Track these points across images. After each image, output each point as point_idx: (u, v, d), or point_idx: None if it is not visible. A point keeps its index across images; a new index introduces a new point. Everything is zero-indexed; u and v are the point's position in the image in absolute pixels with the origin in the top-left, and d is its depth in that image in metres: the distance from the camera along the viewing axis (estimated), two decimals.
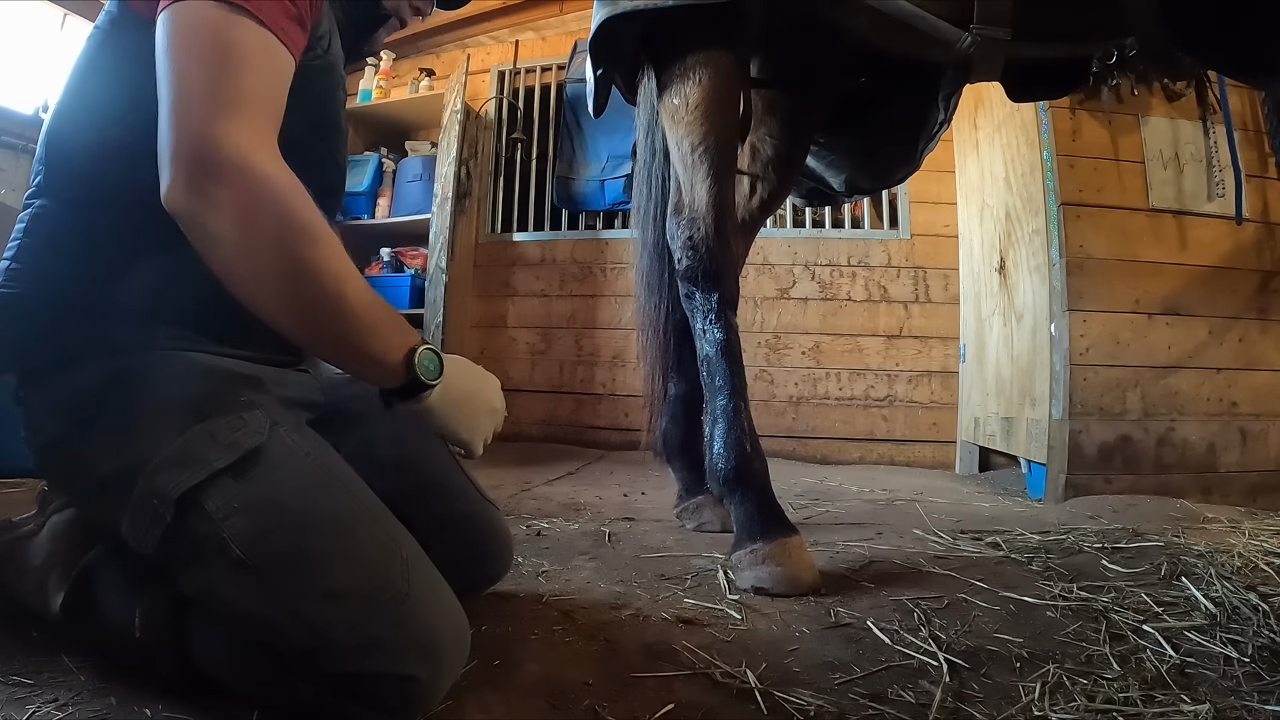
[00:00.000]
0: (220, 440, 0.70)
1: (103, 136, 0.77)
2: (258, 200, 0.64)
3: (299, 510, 0.70)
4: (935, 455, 3.26)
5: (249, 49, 0.67)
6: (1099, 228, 2.26)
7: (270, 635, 0.67)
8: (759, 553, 1.20)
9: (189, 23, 0.66)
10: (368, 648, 0.65)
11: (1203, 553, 1.36)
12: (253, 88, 0.67)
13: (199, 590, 0.70)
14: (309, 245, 0.66)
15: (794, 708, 0.75)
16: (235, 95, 0.65)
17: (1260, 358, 2.26)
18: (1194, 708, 0.75)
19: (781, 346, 3.44)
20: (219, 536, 0.67)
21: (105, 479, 0.72)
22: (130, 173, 0.72)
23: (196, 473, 0.68)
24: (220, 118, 0.64)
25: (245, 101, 0.66)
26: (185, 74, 0.65)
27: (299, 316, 0.68)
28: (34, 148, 0.76)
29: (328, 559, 0.68)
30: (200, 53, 0.65)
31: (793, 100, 1.64)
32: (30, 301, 0.76)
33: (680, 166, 1.45)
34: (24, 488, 1.68)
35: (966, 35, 1.16)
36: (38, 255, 0.77)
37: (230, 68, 0.66)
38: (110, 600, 0.78)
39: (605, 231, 3.76)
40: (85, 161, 0.77)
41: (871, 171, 1.87)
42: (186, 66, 0.65)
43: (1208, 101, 2.30)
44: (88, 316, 0.75)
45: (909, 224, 3.43)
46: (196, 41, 0.66)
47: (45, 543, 0.86)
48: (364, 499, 0.75)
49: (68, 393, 0.75)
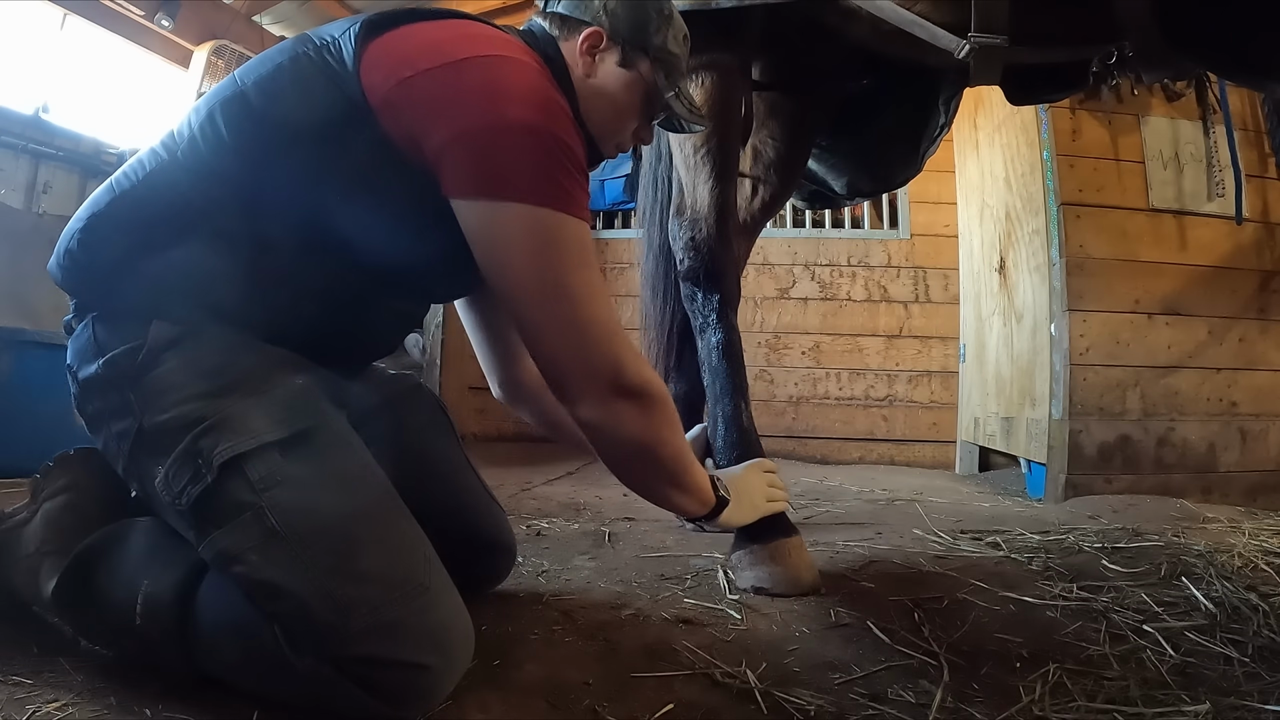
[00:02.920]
0: (275, 416, 0.73)
1: (269, 177, 0.77)
2: (648, 412, 0.84)
3: (337, 494, 0.73)
4: (935, 455, 3.27)
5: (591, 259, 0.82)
6: (1099, 228, 2.26)
7: (289, 607, 0.68)
8: (759, 553, 1.20)
9: (564, 238, 0.77)
10: (385, 632, 0.67)
11: (1203, 553, 1.36)
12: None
13: (223, 552, 0.70)
14: (660, 446, 0.88)
15: (794, 708, 0.75)
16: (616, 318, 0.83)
17: (1260, 358, 2.26)
18: (1194, 708, 0.75)
19: (781, 346, 3.44)
20: (257, 505, 0.69)
21: (147, 429, 0.74)
22: (280, 210, 0.77)
23: (247, 441, 0.71)
24: (620, 345, 0.81)
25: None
26: (580, 300, 0.78)
27: (645, 487, 0.94)
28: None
29: (358, 543, 0.71)
30: (587, 276, 0.79)
31: (794, 103, 1.65)
32: (130, 244, 0.77)
33: (683, 168, 1.45)
34: (24, 487, 1.67)
35: (964, 43, 1.16)
36: (153, 208, 0.78)
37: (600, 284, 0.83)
38: (111, 585, 0.78)
39: (605, 231, 3.76)
40: (239, 173, 0.77)
41: (873, 174, 1.87)
42: (579, 292, 0.78)
43: (1208, 101, 2.30)
44: (177, 284, 0.76)
45: (909, 224, 3.43)
46: (582, 264, 0.78)
47: (38, 529, 0.86)
48: (393, 495, 0.78)
49: (131, 340, 0.76)
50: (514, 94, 0.75)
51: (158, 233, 0.77)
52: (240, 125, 0.76)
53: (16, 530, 0.87)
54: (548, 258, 0.76)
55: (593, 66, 0.91)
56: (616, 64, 0.92)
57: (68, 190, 2.87)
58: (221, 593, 0.73)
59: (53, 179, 2.82)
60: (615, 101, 0.93)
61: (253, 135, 0.76)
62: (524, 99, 0.75)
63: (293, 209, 0.77)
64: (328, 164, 0.76)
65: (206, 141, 0.77)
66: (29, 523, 0.87)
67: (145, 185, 0.78)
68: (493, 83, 0.76)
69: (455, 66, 0.76)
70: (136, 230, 0.77)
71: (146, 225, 0.77)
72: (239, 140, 0.76)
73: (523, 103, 0.75)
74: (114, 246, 0.78)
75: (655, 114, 0.99)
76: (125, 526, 0.82)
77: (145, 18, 3.02)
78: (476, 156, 0.74)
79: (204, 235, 0.76)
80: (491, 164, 0.74)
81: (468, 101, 0.74)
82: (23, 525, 0.87)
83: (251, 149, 0.76)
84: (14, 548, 0.86)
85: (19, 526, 0.87)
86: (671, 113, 0.99)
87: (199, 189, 0.77)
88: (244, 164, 0.76)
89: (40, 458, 0.93)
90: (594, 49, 0.91)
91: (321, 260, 0.78)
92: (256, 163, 0.76)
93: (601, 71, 0.92)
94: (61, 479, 0.90)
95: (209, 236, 0.76)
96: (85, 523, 0.84)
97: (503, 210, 0.75)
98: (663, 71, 0.95)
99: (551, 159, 0.75)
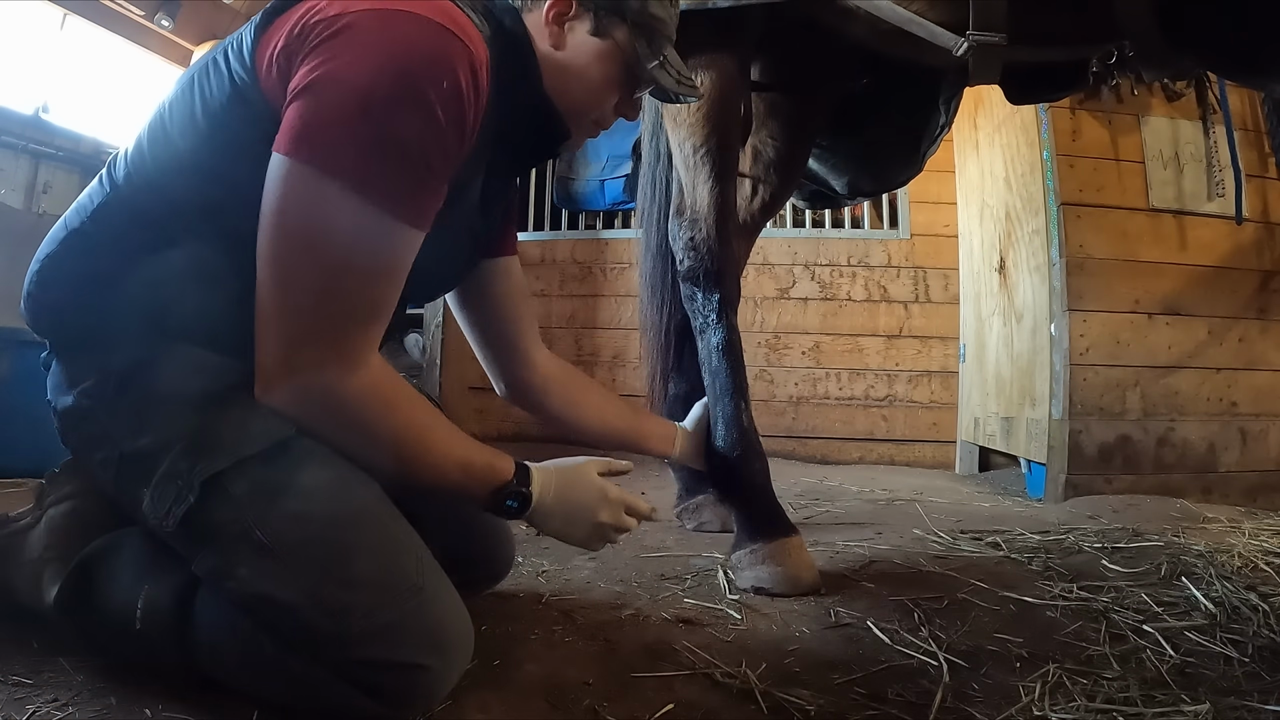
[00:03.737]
0: (251, 429, 0.71)
1: (191, 181, 0.75)
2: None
3: (322, 502, 0.71)
4: (935, 455, 3.26)
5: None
6: (1099, 228, 2.26)
7: (284, 618, 0.67)
8: (759, 553, 1.20)
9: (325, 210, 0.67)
10: (381, 634, 0.67)
11: (1203, 553, 1.36)
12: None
13: (213, 569, 0.70)
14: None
15: (794, 708, 0.75)
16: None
17: (1260, 358, 2.26)
18: (1194, 708, 0.75)
19: (781, 346, 3.44)
20: (242, 520, 0.68)
21: (127, 455, 0.73)
22: (207, 215, 0.74)
23: (225, 458, 0.69)
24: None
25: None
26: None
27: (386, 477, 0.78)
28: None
29: (348, 549, 0.70)
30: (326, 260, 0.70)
31: (794, 103, 1.65)
32: (80, 277, 0.76)
33: (682, 168, 1.45)
34: (24, 488, 1.68)
35: (962, 41, 1.17)
36: (98, 239, 0.77)
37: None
38: (112, 591, 0.78)
39: (605, 231, 3.76)
40: (168, 185, 0.75)
41: (874, 174, 1.87)
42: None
43: (1208, 101, 2.30)
44: (132, 310, 0.75)
45: (909, 224, 3.43)
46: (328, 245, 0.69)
47: (42, 535, 0.86)
48: (382, 498, 0.77)
49: (98, 370, 0.75)
50: (374, 56, 0.66)
51: (111, 263, 0.75)
52: (163, 155, 0.75)
53: (21, 535, 0.87)
54: (298, 222, 0.68)
55: (561, 37, 0.83)
56: (589, 33, 0.84)
57: (68, 190, 2.87)
58: (219, 597, 0.73)
59: (53, 179, 2.83)
60: (588, 76, 0.85)
61: (175, 162, 0.74)
62: (381, 66, 0.66)
63: (230, 222, 0.72)
64: (250, 173, 0.69)
65: (139, 172, 0.76)
66: (33, 528, 0.87)
67: (94, 220, 0.76)
68: (356, 40, 0.67)
69: (329, 21, 0.68)
70: (90, 264, 0.76)
71: (99, 258, 0.76)
72: (165, 169, 0.74)
73: (377, 70, 0.66)
74: (70, 284, 0.77)
75: (638, 86, 0.90)
76: (127, 533, 0.82)
77: (145, 18, 3.02)
78: (298, 108, 0.66)
79: (155, 259, 0.74)
80: (306, 122, 0.66)
81: (321, 55, 0.66)
82: (27, 530, 0.87)
83: (177, 176, 0.74)
84: (18, 552, 0.86)
85: (23, 531, 0.88)
86: (657, 84, 0.89)
87: (143, 216, 0.75)
88: (175, 189, 0.74)
89: (40, 458, 0.93)
90: (562, 16, 0.83)
91: (222, 239, 0.73)
92: (187, 186, 0.74)
93: (572, 42, 0.84)
94: (67, 485, 0.90)
95: (159, 260, 0.74)
96: (89, 530, 0.84)
97: (287, 166, 0.67)
98: (644, 38, 0.85)
99: (372, 141, 0.66)
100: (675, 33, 0.92)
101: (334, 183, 0.66)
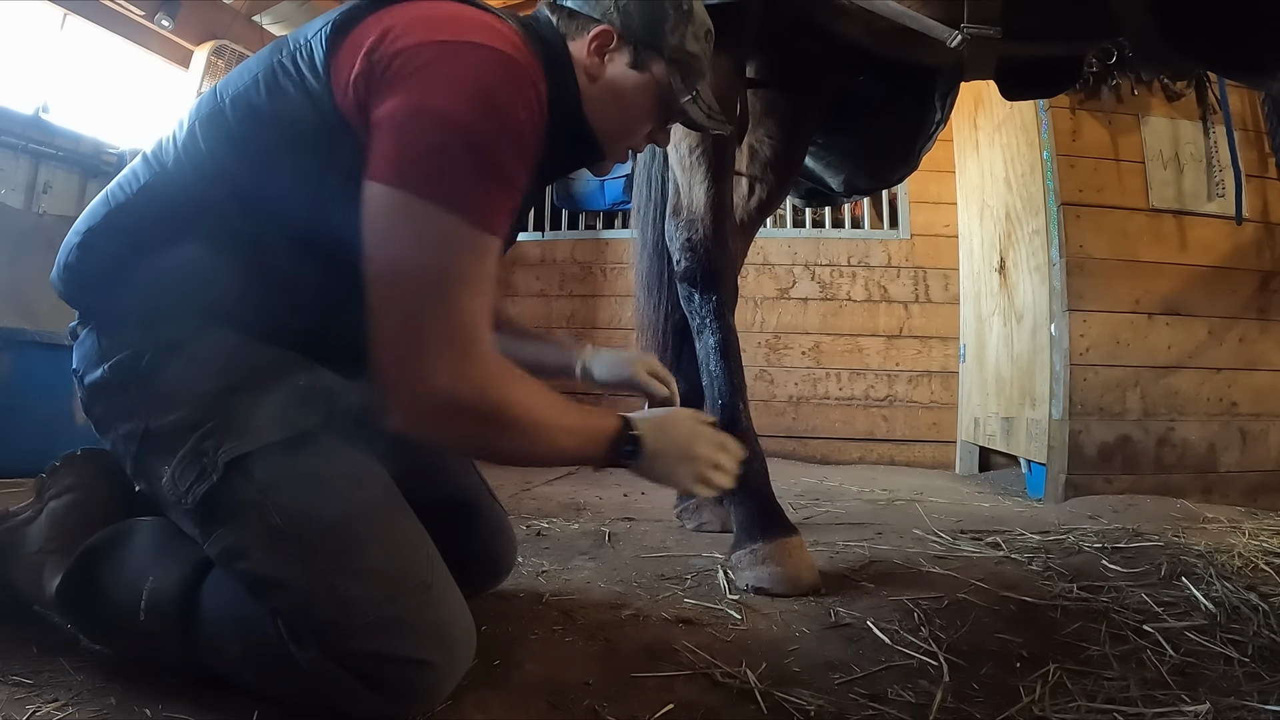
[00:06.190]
0: (278, 417, 0.73)
1: (250, 171, 0.76)
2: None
3: (340, 493, 0.73)
4: (935, 455, 3.27)
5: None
6: (1099, 228, 2.26)
7: (293, 603, 0.68)
8: (759, 553, 1.20)
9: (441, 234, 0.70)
10: (388, 627, 0.68)
11: (1203, 553, 1.35)
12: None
13: (228, 549, 0.71)
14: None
15: (794, 708, 0.75)
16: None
17: (1260, 358, 2.26)
18: (1194, 708, 0.75)
19: (781, 346, 3.44)
20: (261, 503, 0.70)
21: (153, 430, 0.74)
22: (263, 204, 0.76)
23: (251, 442, 0.71)
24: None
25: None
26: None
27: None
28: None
29: (362, 540, 0.72)
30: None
31: (790, 101, 1.64)
32: (123, 252, 0.77)
33: (678, 168, 1.45)
34: (24, 488, 1.67)
35: (957, 34, 1.17)
36: (144, 216, 0.78)
37: None
38: (116, 581, 0.78)
39: (605, 231, 3.76)
40: (226, 170, 0.76)
41: (870, 171, 1.87)
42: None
43: (1208, 101, 2.30)
44: (174, 289, 0.76)
45: (909, 224, 3.43)
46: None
47: (43, 528, 0.86)
48: (396, 494, 0.78)
49: (133, 345, 0.76)
50: (459, 87, 0.70)
51: (154, 242, 0.77)
52: (219, 143, 0.76)
53: (21, 529, 0.87)
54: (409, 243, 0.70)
55: (601, 68, 0.86)
56: (627, 65, 0.87)
57: (68, 190, 2.87)
58: (225, 589, 0.74)
59: (53, 179, 2.83)
60: (625, 105, 0.89)
61: (232, 153, 0.76)
62: (468, 95, 0.69)
63: (284, 215, 0.76)
64: (312, 173, 0.75)
65: (191, 157, 0.77)
66: (33, 521, 0.87)
67: (140, 197, 0.78)
68: (440, 73, 0.70)
69: (410, 53, 0.70)
70: (133, 241, 0.77)
71: (142, 235, 0.77)
72: (220, 158, 0.76)
73: (465, 100, 0.69)
74: (112, 258, 0.78)
75: (670, 118, 0.94)
76: (130, 525, 0.83)
77: (145, 18, 3.02)
78: (393, 139, 0.69)
79: (200, 242, 0.76)
80: (402, 151, 0.69)
81: (408, 88, 0.70)
82: (27, 524, 0.87)
83: (234, 165, 0.76)
84: (18, 546, 0.86)
85: (23, 525, 0.88)
86: (687, 117, 0.93)
87: (192, 199, 0.77)
88: (229, 178, 0.76)
89: (40, 457, 0.93)
90: (603, 49, 0.86)
91: (317, 260, 0.78)
92: (242, 176, 0.76)
93: (610, 73, 0.87)
94: (67, 478, 0.90)
95: (205, 243, 0.76)
96: (90, 522, 0.84)
97: (390, 195, 0.69)
98: (679, 74, 0.89)
99: (468, 166, 0.70)
100: (708, 69, 0.95)
101: (434, 206, 0.69)
